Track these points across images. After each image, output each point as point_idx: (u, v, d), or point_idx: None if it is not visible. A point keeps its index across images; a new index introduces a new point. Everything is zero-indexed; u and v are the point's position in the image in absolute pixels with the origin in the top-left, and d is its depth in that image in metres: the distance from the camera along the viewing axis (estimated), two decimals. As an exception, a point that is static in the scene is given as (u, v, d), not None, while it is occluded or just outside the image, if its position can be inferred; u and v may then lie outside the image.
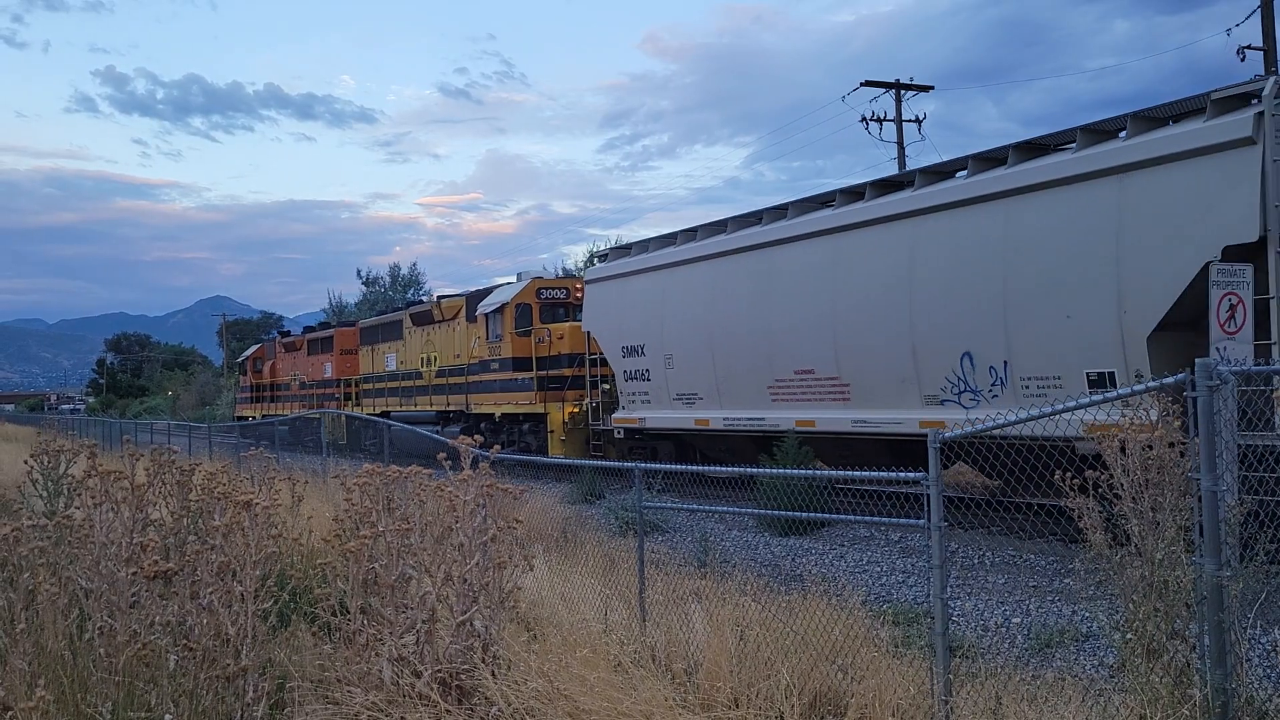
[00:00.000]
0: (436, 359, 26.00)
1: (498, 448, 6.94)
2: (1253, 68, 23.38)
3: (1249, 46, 23.38)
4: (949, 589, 5.55)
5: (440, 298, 27.31)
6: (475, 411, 23.51)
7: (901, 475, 5.71)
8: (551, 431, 20.74)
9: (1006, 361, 11.84)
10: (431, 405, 25.97)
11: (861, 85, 33.24)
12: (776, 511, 10.45)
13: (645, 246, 19.10)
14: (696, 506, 10.85)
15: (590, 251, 42.06)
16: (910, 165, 29.88)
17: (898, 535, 12.33)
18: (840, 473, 7.09)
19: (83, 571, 5.24)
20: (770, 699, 5.28)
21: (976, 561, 10.69)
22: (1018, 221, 11.71)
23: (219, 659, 4.79)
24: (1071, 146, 11.38)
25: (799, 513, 10.09)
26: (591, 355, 20.36)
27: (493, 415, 22.69)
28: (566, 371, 21.03)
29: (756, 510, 11.55)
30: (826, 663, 5.81)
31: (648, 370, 18.29)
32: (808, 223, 14.88)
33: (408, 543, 5.50)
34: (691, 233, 17.65)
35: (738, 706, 5.29)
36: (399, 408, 27.91)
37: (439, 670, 5.23)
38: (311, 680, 5.50)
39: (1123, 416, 5.26)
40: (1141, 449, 4.87)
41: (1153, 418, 5.15)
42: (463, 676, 5.29)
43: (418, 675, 5.16)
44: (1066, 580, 9.16)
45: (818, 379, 14.61)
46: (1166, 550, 4.78)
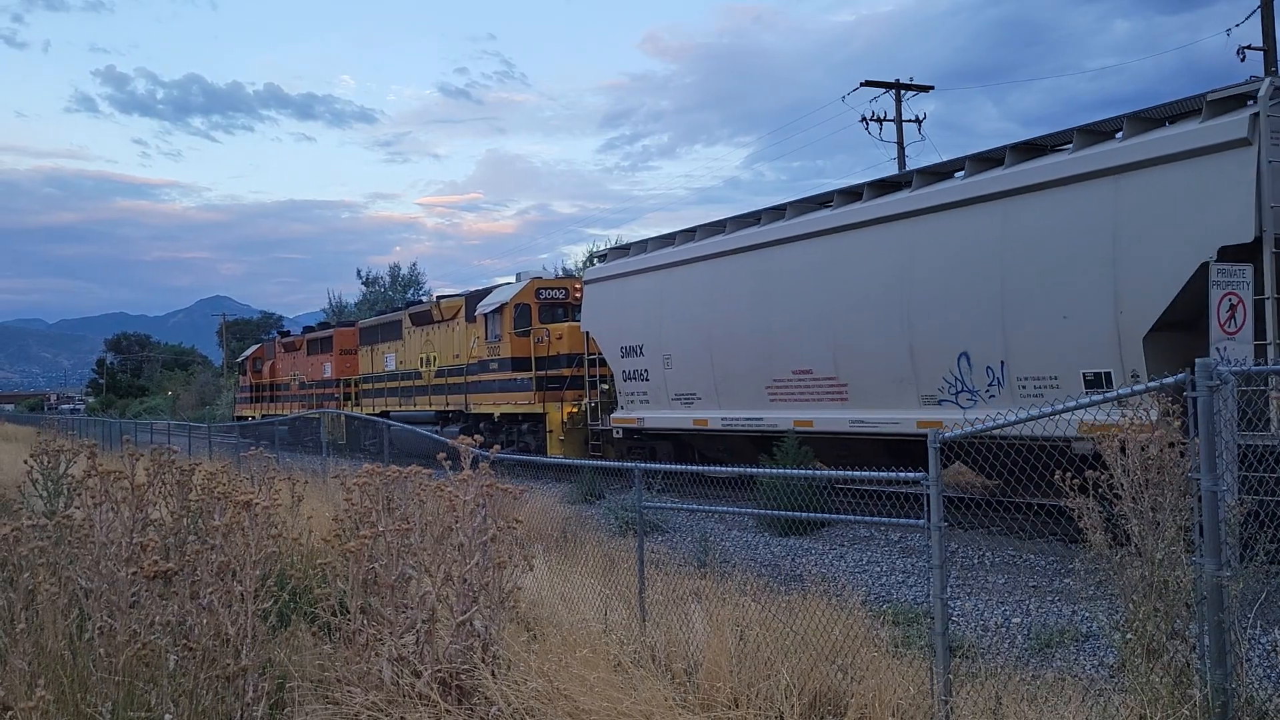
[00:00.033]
0: (436, 359, 26.00)
1: (497, 448, 6.94)
2: (1253, 68, 23.40)
3: (1249, 46, 23.39)
4: (949, 589, 5.55)
5: (439, 298, 27.32)
6: (474, 411, 23.52)
7: (901, 475, 5.71)
8: (550, 431, 20.75)
9: (1004, 362, 11.86)
10: (431, 405, 25.98)
11: (861, 85, 33.24)
12: (776, 511, 10.46)
13: (644, 247, 19.10)
14: (696, 506, 10.85)
15: (590, 251, 42.08)
16: (910, 165, 29.89)
17: (898, 535, 12.33)
18: (840, 473, 7.10)
19: (83, 571, 5.23)
20: (770, 699, 5.28)
21: (976, 561, 10.69)
22: (1015, 222, 11.72)
23: (219, 659, 4.79)
24: (1068, 147, 11.41)
25: (799, 513, 10.09)
26: (590, 355, 20.37)
27: (492, 415, 22.69)
28: (565, 371, 21.03)
29: (756, 510, 11.55)
30: (826, 663, 5.81)
31: (646, 370, 18.30)
32: (806, 223, 14.89)
33: (408, 543, 5.50)
34: (690, 233, 17.65)
35: (738, 706, 5.28)
36: (398, 408, 27.91)
37: (439, 670, 5.23)
38: (311, 680, 5.50)
39: (1123, 417, 5.26)
40: (1141, 449, 4.87)
41: (1152, 418, 5.15)
42: (463, 676, 5.29)
43: (418, 675, 5.16)
44: (1066, 580, 9.16)
45: (816, 379, 14.62)
46: (1166, 550, 4.78)
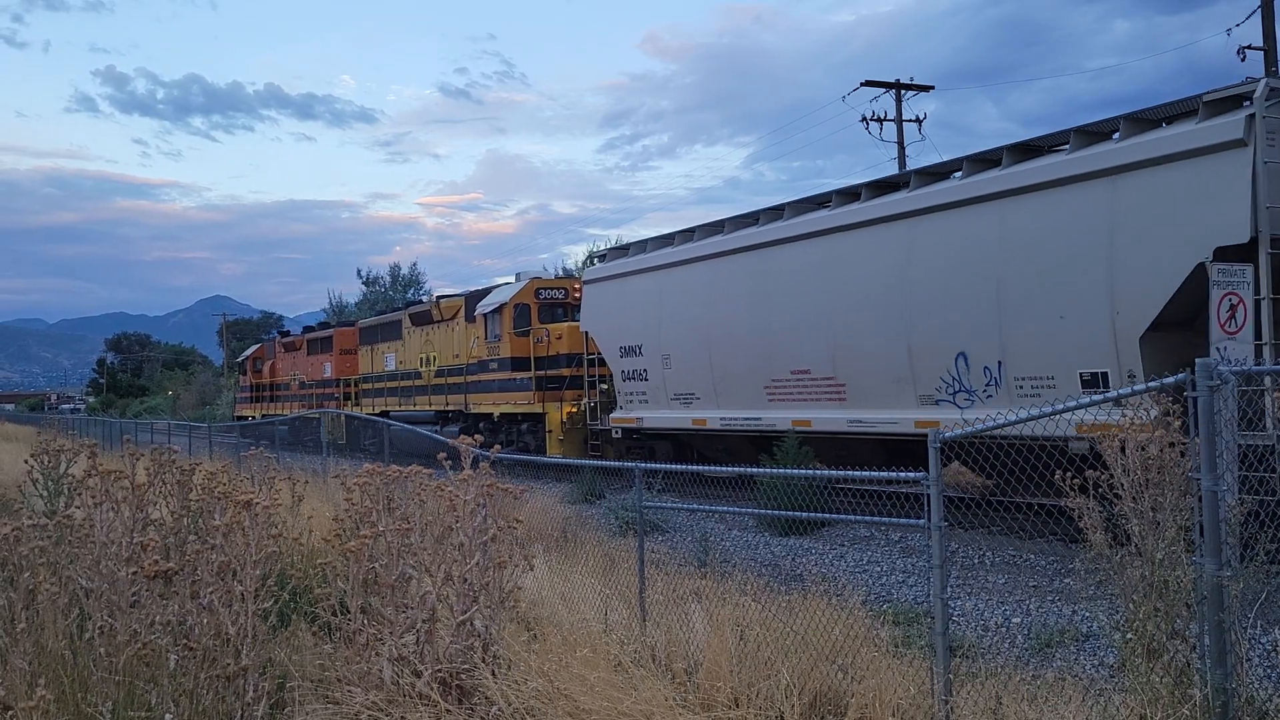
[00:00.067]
0: (435, 359, 26.01)
1: (498, 447, 6.95)
2: (1253, 68, 23.40)
3: (1249, 46, 23.40)
4: (949, 589, 5.55)
5: (439, 298, 27.32)
6: (474, 411, 23.52)
7: (901, 475, 5.71)
8: (550, 431, 20.76)
9: (1001, 362, 11.88)
10: (430, 405, 25.98)
11: (861, 85, 33.25)
12: (777, 511, 10.46)
13: (643, 247, 19.12)
14: (697, 506, 10.85)
15: (590, 251, 42.08)
16: (911, 165, 29.89)
17: (898, 535, 12.33)
18: (841, 473, 7.10)
19: (83, 571, 5.24)
20: (770, 699, 5.28)
21: (976, 561, 10.69)
22: (1012, 222, 11.75)
23: (219, 658, 4.79)
24: (1065, 148, 11.44)
25: (799, 513, 10.09)
26: (589, 355, 20.38)
27: (491, 415, 22.70)
28: (565, 371, 21.04)
29: (757, 510, 11.56)
30: (827, 662, 5.81)
31: (645, 370, 18.31)
32: (804, 223, 14.91)
33: (408, 542, 5.50)
34: (689, 233, 17.67)
35: (738, 706, 5.28)
36: (398, 407, 27.91)
37: (439, 670, 5.23)
38: (312, 680, 5.50)
39: (1123, 417, 5.26)
40: (1142, 449, 4.87)
41: (1150, 418, 5.15)
42: (463, 676, 5.29)
43: (418, 675, 5.16)
44: (1067, 580, 9.16)
45: (814, 379, 14.64)
46: (1167, 550, 4.78)
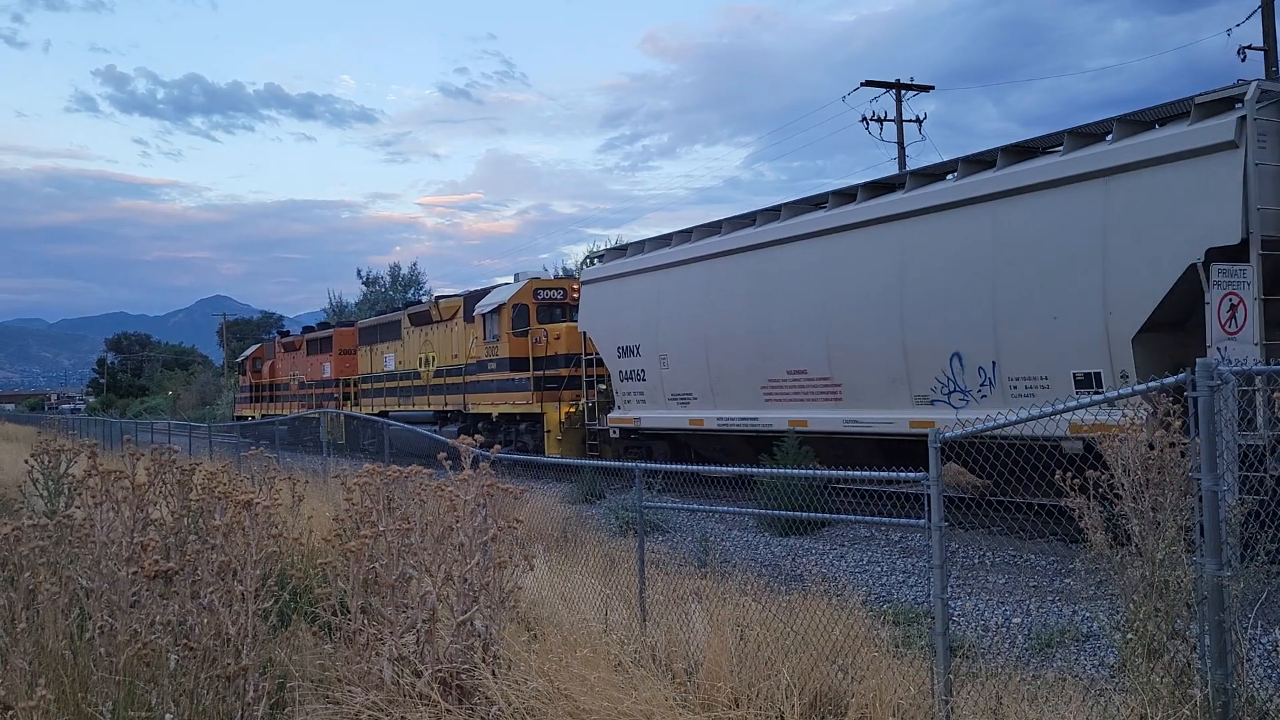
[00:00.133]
0: (434, 359, 26.01)
1: (498, 447, 6.95)
2: (1253, 67, 23.42)
3: (1249, 46, 23.41)
4: (949, 589, 5.55)
5: (438, 298, 27.34)
6: (473, 411, 23.53)
7: (902, 475, 5.71)
8: (548, 431, 20.78)
9: (995, 362, 11.93)
10: (429, 405, 25.98)
11: (862, 85, 33.25)
12: (777, 511, 10.46)
13: (641, 248, 19.16)
14: (697, 506, 10.85)
15: (589, 252, 42.10)
16: (911, 165, 29.90)
17: (898, 535, 12.34)
18: (841, 473, 7.12)
19: (83, 571, 5.23)
20: (770, 699, 5.28)
21: (977, 561, 10.69)
22: (1006, 224, 11.81)
23: (219, 658, 4.79)
24: (1059, 149, 11.47)
25: (799, 513, 10.10)
26: (588, 355, 20.40)
27: (490, 415, 22.70)
28: (563, 371, 21.05)
29: (757, 510, 11.56)
30: (827, 662, 5.81)
31: (643, 370, 18.33)
32: (801, 224, 14.96)
33: (408, 542, 5.49)
34: (687, 234, 17.71)
35: (738, 706, 5.28)
36: (397, 407, 27.92)
37: (439, 670, 5.23)
38: (312, 680, 5.50)
39: (1123, 417, 5.26)
40: (1149, 447, 4.87)
41: (1144, 418, 5.15)
42: (463, 676, 5.29)
43: (418, 675, 5.16)
44: (1067, 580, 9.16)
45: (810, 379, 14.67)
46: (1167, 550, 4.78)
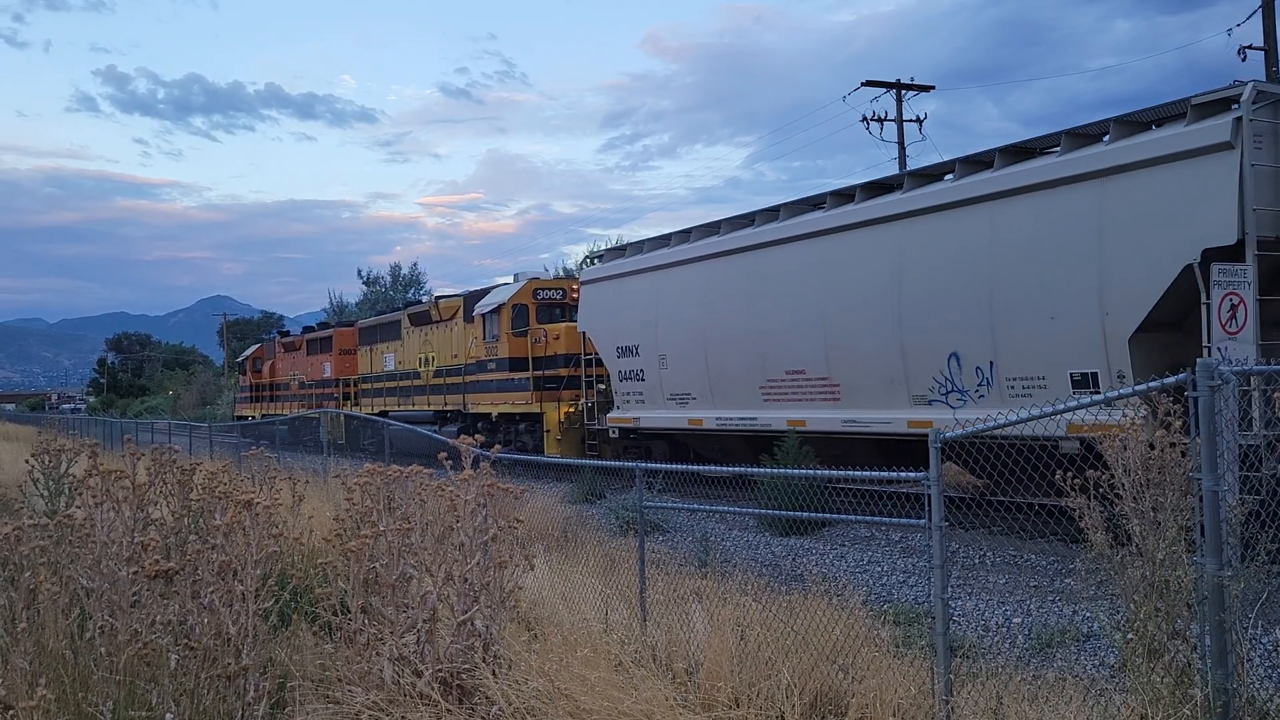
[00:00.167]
0: (434, 359, 26.02)
1: (498, 447, 6.95)
2: (1254, 67, 23.42)
3: (1250, 46, 23.42)
4: (950, 589, 5.55)
5: (438, 298, 27.36)
6: (472, 411, 23.53)
7: (902, 475, 5.71)
8: (547, 431, 20.79)
9: (992, 362, 11.96)
10: (429, 405, 25.99)
11: (862, 85, 33.24)
12: (777, 511, 10.46)
13: (640, 248, 19.19)
14: (697, 506, 10.85)
15: (589, 251, 42.10)
16: (911, 165, 29.90)
17: (898, 535, 12.34)
18: (841, 472, 7.12)
19: (84, 571, 5.23)
20: (771, 699, 5.28)
21: (977, 561, 10.69)
22: (1003, 224, 11.84)
23: (220, 658, 4.79)
24: (1056, 150, 11.49)
25: (800, 512, 10.10)
26: (587, 355, 20.42)
27: (489, 415, 22.71)
28: (562, 371, 21.06)
29: (757, 510, 11.57)
30: (827, 662, 5.81)
31: (642, 370, 18.34)
32: (799, 224, 14.99)
33: (408, 542, 5.49)
34: (685, 234, 17.73)
35: (738, 706, 5.28)
36: (397, 407, 27.92)
37: (440, 670, 5.23)
38: (312, 679, 5.50)
39: (1123, 417, 5.27)
40: (1150, 447, 4.87)
41: (1143, 416, 5.15)
42: (463, 676, 5.29)
43: (418, 675, 5.16)
44: (1067, 580, 9.16)
45: (808, 379, 14.69)
46: (1168, 550, 4.78)
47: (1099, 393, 10.29)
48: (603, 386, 20.35)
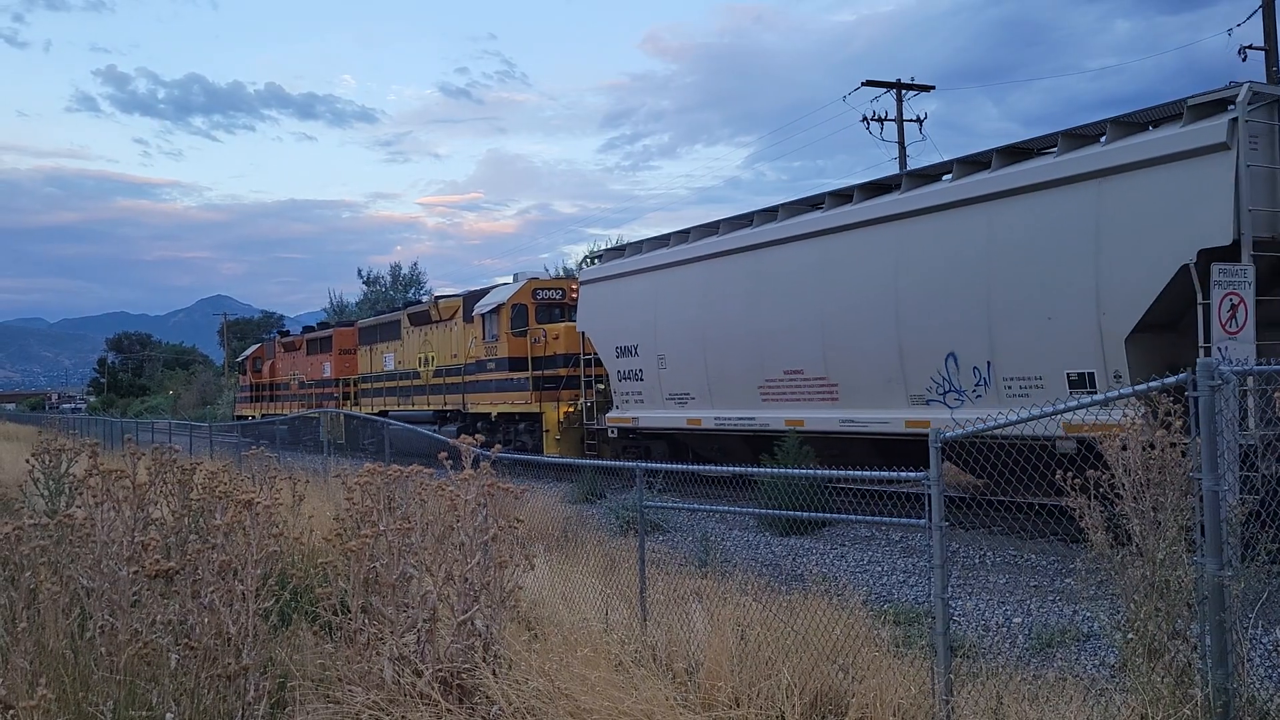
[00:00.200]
0: (434, 359, 26.02)
1: (498, 447, 6.95)
2: (1254, 67, 23.43)
3: (1250, 46, 23.42)
4: (950, 589, 5.55)
5: (438, 298, 27.37)
6: (471, 411, 23.54)
7: (902, 475, 5.70)
8: (547, 431, 20.80)
9: (990, 362, 11.97)
10: (429, 405, 26.00)
11: (862, 85, 33.28)
12: (777, 511, 10.45)
13: (639, 248, 19.21)
14: (698, 506, 10.85)
15: (588, 252, 42.10)
16: (911, 165, 29.91)
17: (898, 535, 12.34)
18: (841, 472, 7.12)
19: (84, 570, 5.23)
20: (771, 698, 5.28)
21: (977, 561, 10.69)
22: (1001, 224, 11.86)
23: (220, 658, 4.79)
24: (1054, 151, 11.50)
25: (800, 512, 10.09)
26: (586, 355, 20.43)
27: (489, 415, 22.72)
28: (562, 371, 21.07)
29: (757, 510, 11.56)
30: (827, 662, 5.80)
31: (641, 370, 18.36)
32: (798, 225, 15.02)
33: (409, 542, 5.49)
34: (684, 234, 17.75)
35: (738, 706, 5.28)
36: (397, 407, 27.93)
37: (440, 669, 5.23)
38: (313, 679, 5.50)
39: (1124, 417, 5.26)
40: (1151, 447, 4.87)
41: (1141, 414, 5.15)
42: (464, 676, 5.29)
43: (419, 674, 5.16)
44: (1067, 580, 9.16)
45: (807, 379, 14.71)
46: (1168, 550, 4.77)
47: (1096, 393, 10.33)
48: (602, 386, 20.37)
